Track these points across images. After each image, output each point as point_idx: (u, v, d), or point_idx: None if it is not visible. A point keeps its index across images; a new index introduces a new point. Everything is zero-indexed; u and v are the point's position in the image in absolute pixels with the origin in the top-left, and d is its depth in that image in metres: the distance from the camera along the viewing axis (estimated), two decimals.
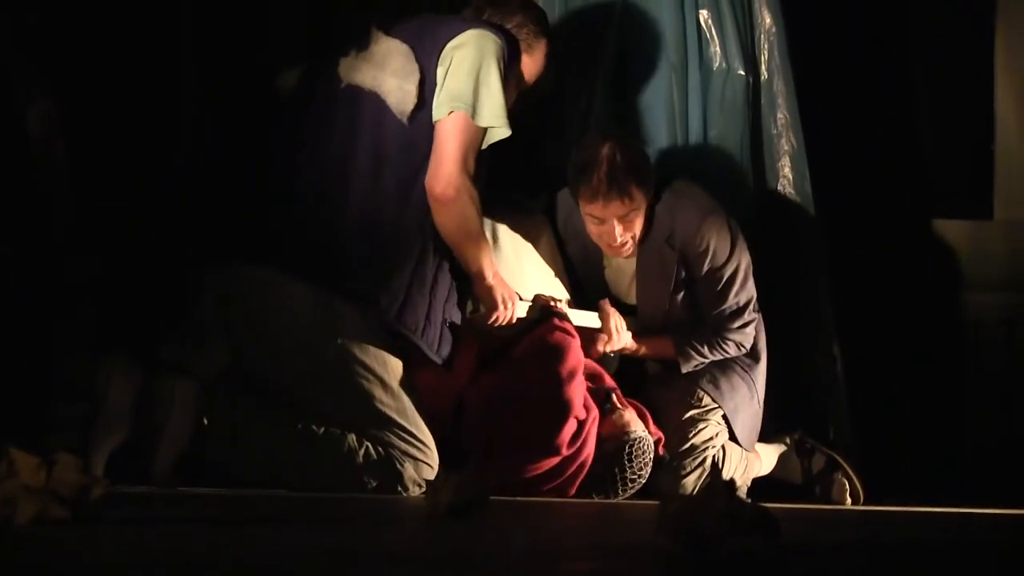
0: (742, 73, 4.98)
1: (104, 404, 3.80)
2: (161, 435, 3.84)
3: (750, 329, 4.58)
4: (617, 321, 4.45)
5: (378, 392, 3.99)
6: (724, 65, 4.98)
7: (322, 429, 3.94)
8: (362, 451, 3.95)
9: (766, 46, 5.04)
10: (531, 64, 4.36)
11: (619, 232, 4.36)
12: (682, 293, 4.52)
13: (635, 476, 4.30)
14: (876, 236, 5.63)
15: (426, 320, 4.03)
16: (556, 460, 4.18)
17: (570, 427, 4.16)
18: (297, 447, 3.93)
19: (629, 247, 4.44)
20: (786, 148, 5.04)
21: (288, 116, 4.19)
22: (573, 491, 4.24)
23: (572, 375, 4.19)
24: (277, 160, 4.16)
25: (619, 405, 4.37)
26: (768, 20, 5.04)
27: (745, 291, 4.55)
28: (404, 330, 4.00)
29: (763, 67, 5.05)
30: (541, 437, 4.16)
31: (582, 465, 4.23)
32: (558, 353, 4.20)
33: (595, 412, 4.27)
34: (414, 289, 4.01)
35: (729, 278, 4.50)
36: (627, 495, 4.31)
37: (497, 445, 4.17)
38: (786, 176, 5.04)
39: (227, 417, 3.92)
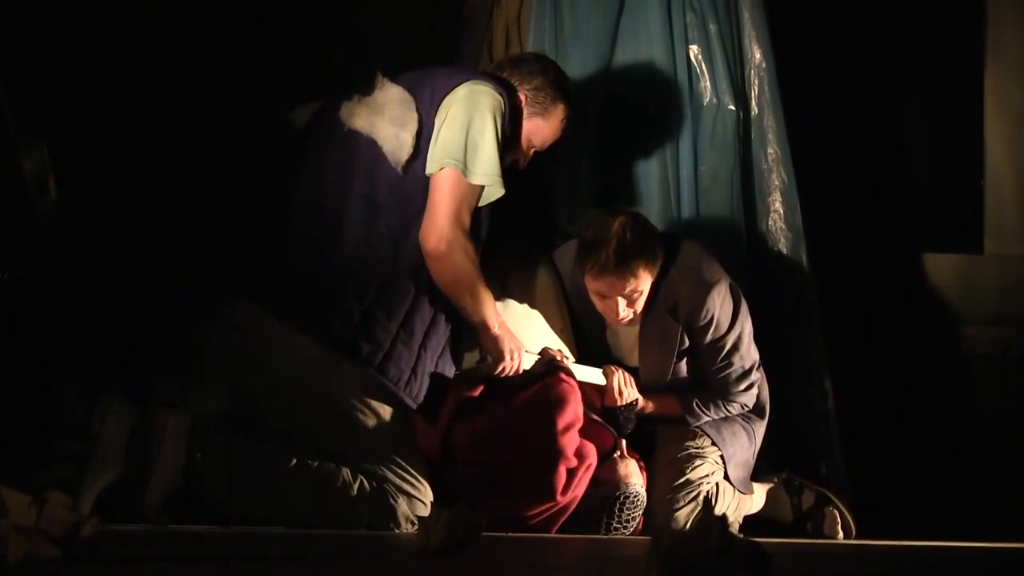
0: (732, 108, 5.00)
1: (98, 441, 3.80)
2: (153, 468, 3.83)
3: (754, 390, 4.62)
4: (622, 377, 4.47)
5: (373, 425, 3.99)
6: (714, 100, 5.00)
7: (316, 463, 3.94)
8: (356, 485, 3.95)
9: (756, 81, 5.06)
10: (546, 128, 4.35)
11: (623, 308, 4.37)
12: (685, 359, 4.53)
13: (619, 527, 4.34)
14: (867, 270, 5.64)
15: (411, 373, 4.03)
16: (548, 504, 4.20)
17: (562, 475, 4.18)
18: (291, 481, 3.93)
19: (630, 319, 4.44)
20: (777, 183, 5.05)
21: (291, 155, 4.20)
22: (554, 528, 4.28)
23: (568, 428, 4.22)
24: (277, 199, 4.16)
25: (624, 454, 4.40)
26: (758, 55, 5.06)
27: (749, 356, 4.57)
28: (386, 381, 3.99)
29: (753, 102, 5.07)
30: (536, 483, 4.19)
31: (565, 508, 4.26)
32: (559, 404, 4.22)
33: (589, 461, 4.30)
34: (399, 341, 4.01)
35: (732, 346, 4.52)
36: None
37: (489, 483, 4.18)
38: (777, 211, 5.05)
39: (221, 451, 3.91)
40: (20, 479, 2.65)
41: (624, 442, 4.44)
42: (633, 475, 4.37)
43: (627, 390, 4.47)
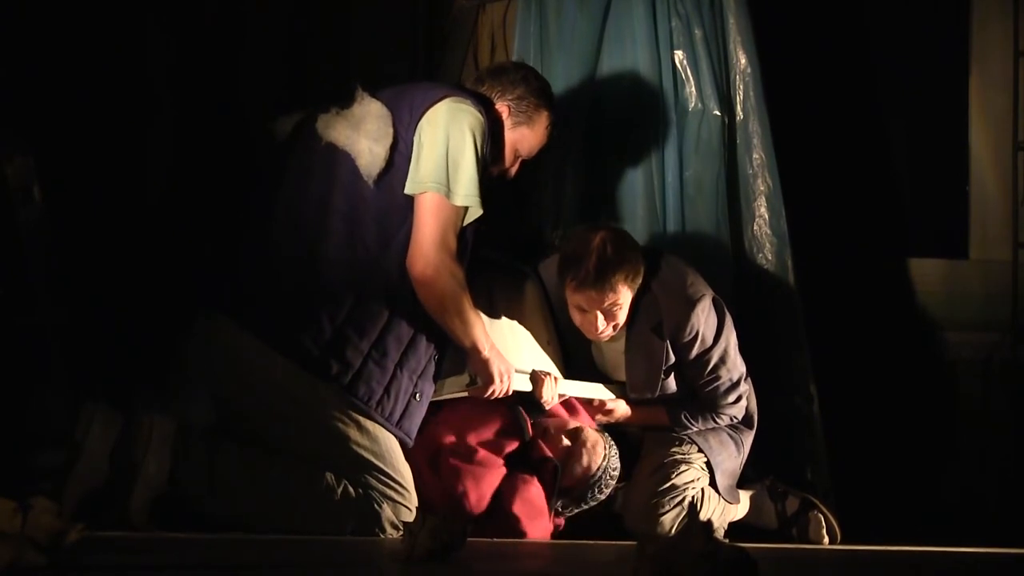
0: (717, 113, 5.00)
1: (82, 449, 3.80)
2: (137, 474, 3.83)
3: (743, 402, 4.61)
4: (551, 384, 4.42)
5: (354, 434, 3.98)
6: (699, 106, 5.00)
7: (299, 469, 3.94)
8: (340, 490, 3.95)
9: (741, 86, 5.06)
10: (531, 136, 4.33)
11: (601, 323, 4.36)
12: (672, 375, 4.52)
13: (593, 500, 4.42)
14: (852, 275, 5.65)
15: (384, 392, 4.01)
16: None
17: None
18: (274, 487, 3.93)
19: (610, 335, 4.43)
20: (762, 188, 5.05)
21: (270, 167, 4.18)
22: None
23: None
24: (255, 211, 4.15)
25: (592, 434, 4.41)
26: (743, 60, 5.06)
27: (736, 368, 4.56)
28: (355, 400, 3.98)
29: (738, 107, 5.07)
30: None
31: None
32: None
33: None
34: (371, 360, 3.99)
35: (719, 360, 4.51)
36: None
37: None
38: (762, 216, 5.05)
39: (204, 457, 3.91)
40: (3, 488, 2.65)
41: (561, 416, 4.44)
42: (598, 448, 4.39)
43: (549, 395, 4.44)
